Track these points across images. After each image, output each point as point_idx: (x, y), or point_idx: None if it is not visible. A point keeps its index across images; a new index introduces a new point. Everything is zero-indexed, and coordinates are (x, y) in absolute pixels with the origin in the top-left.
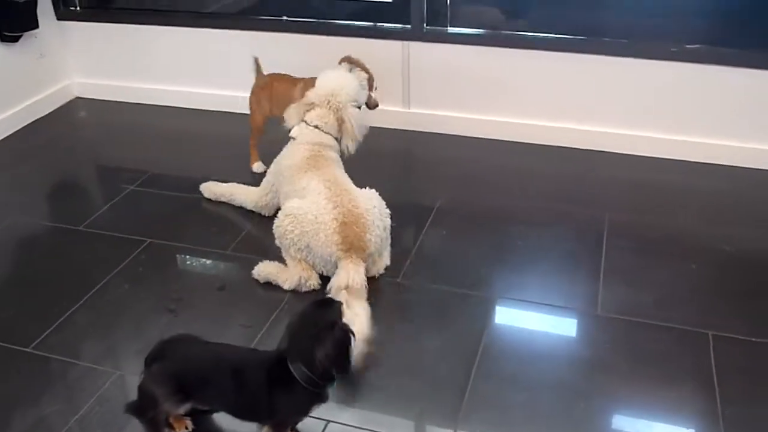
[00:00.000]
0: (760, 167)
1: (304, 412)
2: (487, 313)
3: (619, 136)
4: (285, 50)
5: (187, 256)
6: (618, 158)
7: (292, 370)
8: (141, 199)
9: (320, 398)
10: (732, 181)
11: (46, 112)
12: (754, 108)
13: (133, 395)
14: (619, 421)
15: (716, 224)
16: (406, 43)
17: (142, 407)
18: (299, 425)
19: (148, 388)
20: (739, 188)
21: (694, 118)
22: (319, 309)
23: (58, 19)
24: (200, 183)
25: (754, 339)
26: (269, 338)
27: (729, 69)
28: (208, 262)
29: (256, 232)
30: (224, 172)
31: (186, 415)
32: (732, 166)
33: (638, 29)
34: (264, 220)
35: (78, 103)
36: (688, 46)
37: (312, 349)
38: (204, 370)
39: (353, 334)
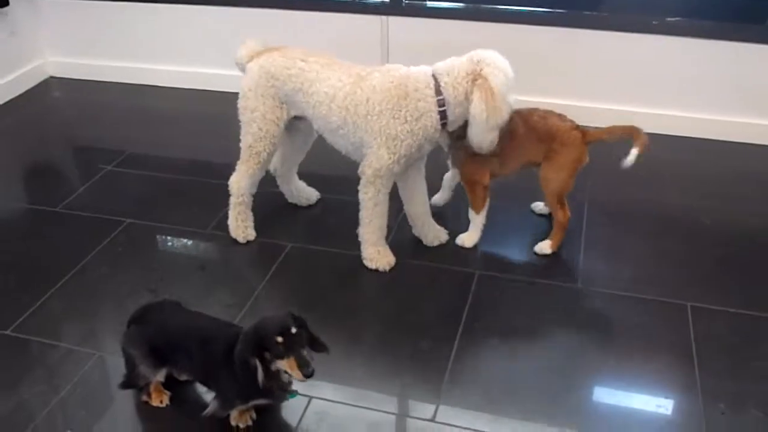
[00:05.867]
0: (739, 140)
1: (242, 398)
2: (469, 287)
3: (599, 109)
4: (264, 26)
5: (167, 236)
6: None
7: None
8: (119, 180)
9: (264, 394)
10: (711, 154)
11: (19, 93)
12: (734, 81)
13: (115, 376)
14: (598, 392)
15: (694, 197)
16: (384, 17)
17: (125, 364)
18: (282, 405)
19: (126, 347)
20: (717, 161)
21: (674, 91)
22: (281, 324)
23: None
24: (179, 162)
25: (731, 309)
26: (251, 317)
27: (709, 42)
28: (189, 241)
29: None
30: (203, 151)
31: (166, 384)
32: (710, 139)
33: (619, 2)
34: None
35: (52, 82)
36: (668, 19)
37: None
38: (175, 336)
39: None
